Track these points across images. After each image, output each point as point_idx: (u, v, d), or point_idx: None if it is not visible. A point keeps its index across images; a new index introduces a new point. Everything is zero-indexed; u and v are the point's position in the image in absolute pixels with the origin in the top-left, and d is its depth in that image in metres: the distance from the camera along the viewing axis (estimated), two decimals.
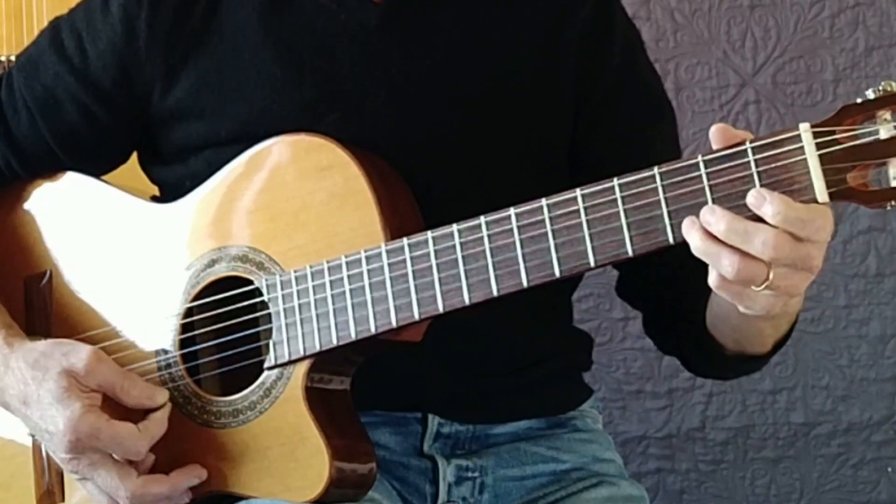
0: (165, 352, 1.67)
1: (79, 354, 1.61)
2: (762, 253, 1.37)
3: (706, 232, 1.40)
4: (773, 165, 1.38)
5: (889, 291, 2.81)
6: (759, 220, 1.38)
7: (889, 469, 2.83)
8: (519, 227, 1.49)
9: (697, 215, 1.41)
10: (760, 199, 1.38)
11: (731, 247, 1.38)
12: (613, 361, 2.82)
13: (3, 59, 2.39)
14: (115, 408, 1.61)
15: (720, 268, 1.39)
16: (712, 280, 1.42)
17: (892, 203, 1.35)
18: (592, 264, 1.46)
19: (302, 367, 1.59)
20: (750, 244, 1.37)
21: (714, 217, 1.39)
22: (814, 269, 1.40)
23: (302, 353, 1.59)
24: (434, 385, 1.71)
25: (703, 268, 1.43)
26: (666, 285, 1.72)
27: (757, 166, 1.39)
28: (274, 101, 1.68)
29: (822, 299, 2.81)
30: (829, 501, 2.85)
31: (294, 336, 1.59)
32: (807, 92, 2.81)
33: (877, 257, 2.82)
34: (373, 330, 1.55)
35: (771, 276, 1.39)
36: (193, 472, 1.63)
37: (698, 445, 2.85)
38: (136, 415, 1.62)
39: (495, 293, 1.50)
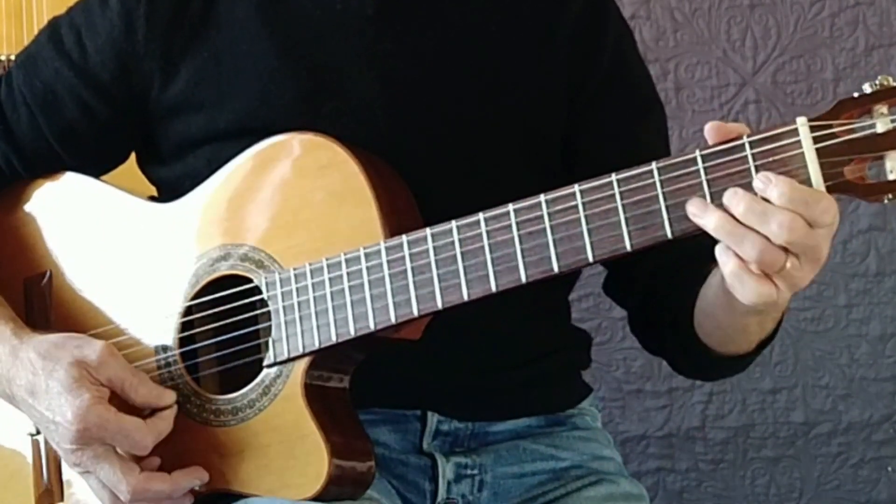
0: (165, 350, 1.67)
1: (92, 346, 1.61)
2: (777, 235, 1.37)
3: (728, 214, 1.40)
4: (770, 159, 1.38)
5: (889, 291, 2.81)
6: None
7: (889, 468, 2.83)
8: (517, 223, 1.49)
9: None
10: (766, 182, 1.38)
11: (755, 230, 1.38)
12: (613, 360, 2.82)
13: (3, 58, 2.39)
14: (121, 405, 1.61)
15: (742, 249, 1.39)
16: (729, 268, 1.41)
17: (890, 196, 1.36)
18: (591, 259, 1.46)
19: (301, 365, 1.59)
20: (766, 225, 1.38)
21: (735, 199, 1.39)
22: (821, 259, 1.41)
23: (301, 350, 1.59)
24: (433, 383, 1.71)
25: (690, 266, 1.44)
26: (653, 283, 1.72)
27: (754, 160, 1.39)
28: (271, 92, 1.68)
29: (822, 299, 2.81)
30: (829, 501, 2.85)
31: (293, 334, 1.59)
32: (807, 91, 2.81)
33: (877, 257, 2.82)
34: (372, 327, 1.55)
35: (788, 264, 1.39)
36: (196, 473, 1.62)
37: (698, 445, 2.85)
38: (142, 414, 1.62)
39: (494, 289, 1.50)
